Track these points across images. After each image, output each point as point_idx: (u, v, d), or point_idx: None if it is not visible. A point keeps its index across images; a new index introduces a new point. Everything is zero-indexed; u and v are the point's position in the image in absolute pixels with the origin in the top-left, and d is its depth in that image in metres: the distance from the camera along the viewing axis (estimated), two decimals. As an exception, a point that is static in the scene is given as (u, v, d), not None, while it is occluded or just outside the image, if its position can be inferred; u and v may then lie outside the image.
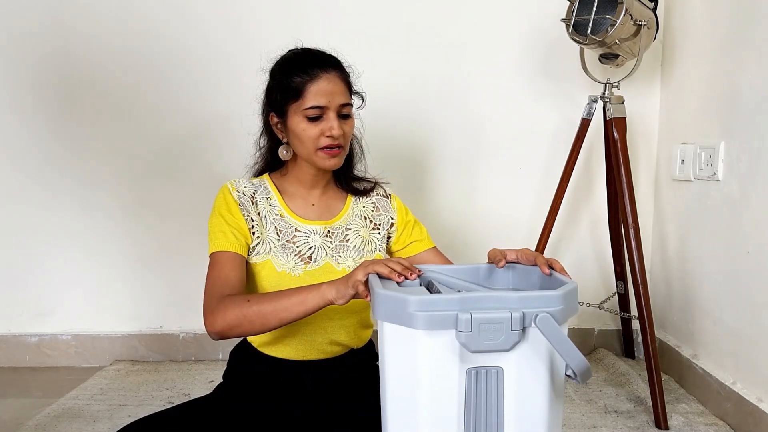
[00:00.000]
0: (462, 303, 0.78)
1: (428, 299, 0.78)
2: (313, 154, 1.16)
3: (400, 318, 0.79)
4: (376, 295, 0.83)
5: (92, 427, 1.58)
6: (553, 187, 1.84)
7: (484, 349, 0.77)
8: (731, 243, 1.60)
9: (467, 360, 0.79)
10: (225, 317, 1.04)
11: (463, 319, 0.76)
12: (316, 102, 1.12)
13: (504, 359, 0.80)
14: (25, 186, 2.06)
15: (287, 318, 1.02)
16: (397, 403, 0.82)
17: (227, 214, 1.16)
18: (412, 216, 1.33)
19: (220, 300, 1.06)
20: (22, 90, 2.02)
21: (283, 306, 1.01)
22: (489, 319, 0.77)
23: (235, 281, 1.11)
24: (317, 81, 1.13)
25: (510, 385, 0.80)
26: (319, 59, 1.16)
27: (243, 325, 1.04)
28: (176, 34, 1.99)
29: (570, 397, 1.76)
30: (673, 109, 1.96)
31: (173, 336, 2.11)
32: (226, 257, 1.13)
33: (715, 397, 1.63)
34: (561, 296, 0.80)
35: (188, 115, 2.03)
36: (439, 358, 0.78)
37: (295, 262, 1.16)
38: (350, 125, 1.18)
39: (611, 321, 2.14)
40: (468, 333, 0.76)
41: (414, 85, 2.02)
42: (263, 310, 1.02)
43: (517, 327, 0.77)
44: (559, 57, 1.98)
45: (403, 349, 0.80)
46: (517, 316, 0.77)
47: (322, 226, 1.21)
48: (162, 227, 2.07)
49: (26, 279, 2.10)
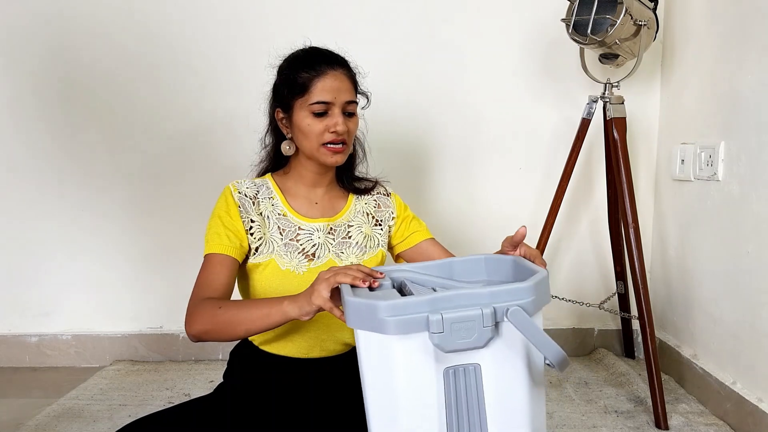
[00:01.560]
0: (432, 304, 0.77)
1: (398, 303, 0.77)
2: (316, 149, 1.16)
3: (372, 324, 0.78)
4: (347, 303, 0.83)
5: (92, 427, 1.58)
6: (553, 187, 1.84)
7: (458, 348, 0.77)
8: (731, 243, 1.60)
9: (443, 360, 0.78)
10: (199, 322, 1.05)
11: (434, 321, 0.76)
12: (322, 98, 1.14)
13: (480, 355, 0.79)
14: (25, 186, 2.06)
15: (253, 330, 1.02)
16: (378, 409, 0.82)
17: (225, 216, 1.17)
18: (411, 212, 1.35)
19: (197, 303, 1.08)
20: (22, 90, 2.02)
21: (249, 318, 1.01)
22: (460, 318, 0.76)
23: (218, 285, 1.11)
24: (324, 77, 1.14)
25: (489, 380, 0.80)
26: (327, 57, 1.18)
27: (214, 331, 1.04)
28: (179, 32, 1.99)
29: (570, 397, 1.76)
30: (673, 109, 1.96)
31: (173, 336, 2.11)
32: (216, 260, 1.13)
33: (715, 397, 1.63)
34: (531, 287, 0.80)
35: (190, 115, 2.03)
36: (414, 361, 0.78)
37: (298, 260, 1.17)
38: (355, 123, 1.20)
39: (611, 321, 2.14)
40: (440, 334, 0.76)
41: (414, 84, 2.02)
42: (231, 319, 1.03)
43: (489, 323, 0.77)
44: (559, 57, 1.98)
45: (378, 355, 0.80)
46: (488, 312, 0.77)
47: (324, 224, 1.22)
48: (162, 227, 2.07)
49: (26, 279, 2.10)
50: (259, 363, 1.19)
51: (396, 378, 0.78)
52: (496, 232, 2.07)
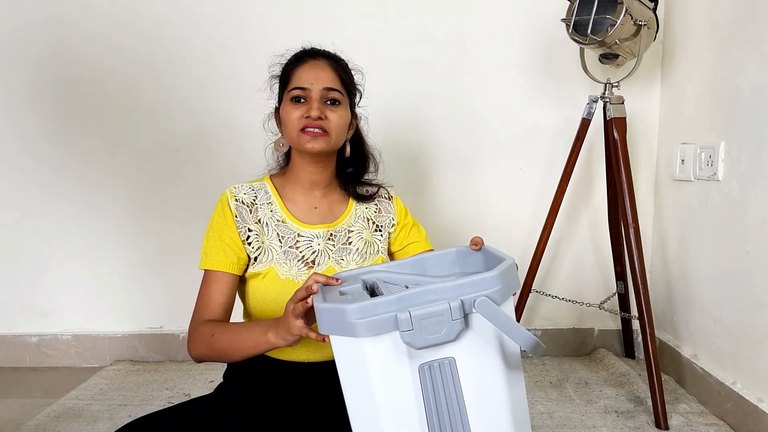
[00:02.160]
0: (399, 302, 0.77)
1: (365, 305, 0.77)
2: (296, 137, 1.16)
3: (343, 328, 0.78)
4: (317, 310, 0.83)
5: (92, 427, 1.58)
6: (553, 187, 1.84)
7: (429, 344, 0.77)
8: (731, 243, 1.60)
9: (417, 357, 0.78)
10: (197, 347, 1.11)
11: (402, 319, 0.76)
12: (299, 83, 1.15)
13: (453, 349, 0.79)
14: (25, 186, 2.06)
15: (247, 355, 1.06)
16: (359, 414, 0.81)
17: (223, 227, 1.17)
18: (412, 218, 1.33)
19: (196, 327, 1.12)
20: (21, 89, 2.02)
21: (239, 347, 1.05)
22: (428, 314, 0.76)
23: (215, 305, 1.14)
24: (303, 66, 1.17)
25: (465, 372, 0.80)
26: (313, 51, 1.21)
27: (212, 356, 1.10)
28: (178, 33, 1.99)
29: (570, 397, 1.76)
30: (673, 109, 1.96)
31: (173, 336, 2.11)
32: (213, 277, 1.15)
33: (715, 397, 1.63)
34: (497, 276, 0.79)
35: (189, 116, 2.03)
36: (388, 361, 0.78)
37: (298, 268, 1.16)
38: (338, 114, 1.17)
39: (611, 321, 2.14)
40: (410, 331, 0.76)
41: (414, 85, 2.02)
42: (224, 347, 1.07)
43: (457, 316, 0.77)
44: (559, 57, 1.98)
45: (352, 358, 0.79)
46: (456, 305, 0.77)
47: (324, 230, 1.21)
48: (162, 227, 2.07)
49: (26, 279, 2.10)
50: (258, 366, 1.18)
51: (372, 380, 0.78)
52: (497, 232, 2.08)
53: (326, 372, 1.18)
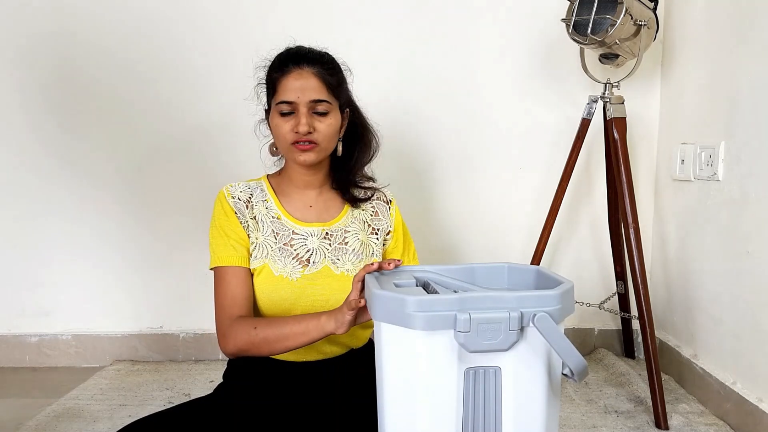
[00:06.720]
0: (460, 303, 0.78)
1: (427, 299, 0.78)
2: (287, 149, 1.16)
3: (399, 318, 0.78)
4: (374, 295, 0.83)
5: (92, 427, 1.58)
6: (553, 187, 1.84)
7: (482, 349, 0.77)
8: (731, 243, 1.60)
9: (465, 360, 0.79)
10: (235, 342, 1.10)
11: (461, 319, 0.76)
12: (286, 97, 1.14)
13: (502, 359, 0.79)
14: (24, 186, 2.06)
15: (292, 346, 1.07)
16: (394, 403, 0.82)
17: (226, 224, 1.17)
18: (406, 230, 1.33)
19: (230, 324, 1.11)
20: (21, 90, 2.01)
21: (287, 335, 1.06)
22: (487, 319, 0.77)
23: (242, 300, 1.14)
24: (288, 76, 1.14)
25: (508, 385, 0.80)
26: (295, 55, 1.17)
27: (252, 350, 1.10)
28: (176, 33, 1.99)
29: (570, 397, 1.76)
30: (673, 109, 1.96)
31: (173, 336, 2.11)
32: (230, 273, 1.14)
33: (715, 397, 1.63)
34: (558, 295, 0.80)
35: (189, 115, 2.03)
36: (437, 359, 0.78)
37: (292, 266, 1.16)
38: (326, 123, 1.16)
39: (611, 321, 2.14)
40: (467, 333, 0.76)
41: (413, 85, 2.01)
42: (269, 338, 1.07)
43: (515, 327, 0.77)
44: (559, 57, 1.98)
45: (401, 349, 0.80)
46: (516, 315, 0.77)
47: (320, 228, 1.21)
48: (162, 227, 2.07)
49: (26, 279, 2.10)
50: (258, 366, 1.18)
51: (417, 373, 0.79)
52: (496, 232, 2.08)
53: (324, 370, 1.18)
